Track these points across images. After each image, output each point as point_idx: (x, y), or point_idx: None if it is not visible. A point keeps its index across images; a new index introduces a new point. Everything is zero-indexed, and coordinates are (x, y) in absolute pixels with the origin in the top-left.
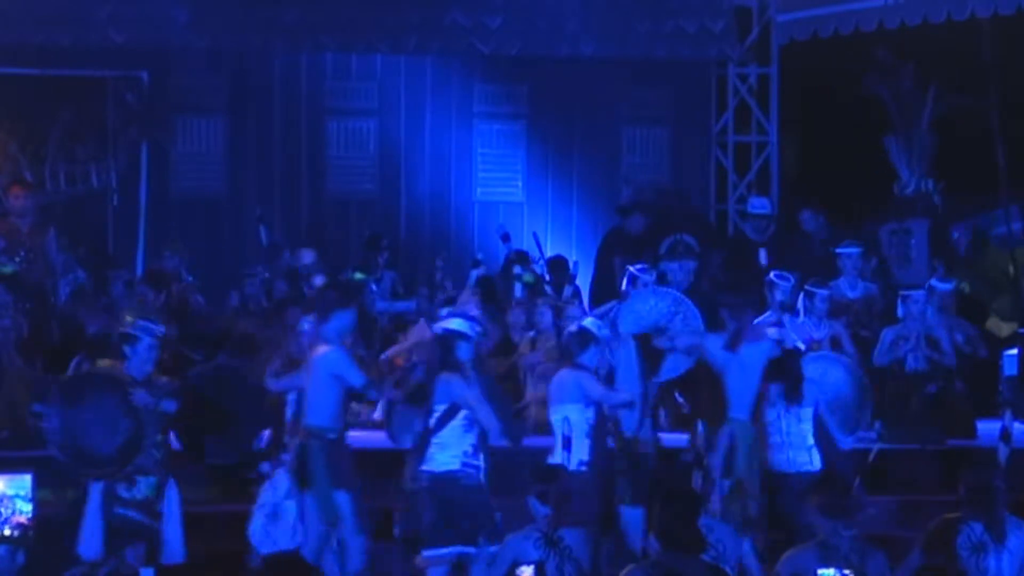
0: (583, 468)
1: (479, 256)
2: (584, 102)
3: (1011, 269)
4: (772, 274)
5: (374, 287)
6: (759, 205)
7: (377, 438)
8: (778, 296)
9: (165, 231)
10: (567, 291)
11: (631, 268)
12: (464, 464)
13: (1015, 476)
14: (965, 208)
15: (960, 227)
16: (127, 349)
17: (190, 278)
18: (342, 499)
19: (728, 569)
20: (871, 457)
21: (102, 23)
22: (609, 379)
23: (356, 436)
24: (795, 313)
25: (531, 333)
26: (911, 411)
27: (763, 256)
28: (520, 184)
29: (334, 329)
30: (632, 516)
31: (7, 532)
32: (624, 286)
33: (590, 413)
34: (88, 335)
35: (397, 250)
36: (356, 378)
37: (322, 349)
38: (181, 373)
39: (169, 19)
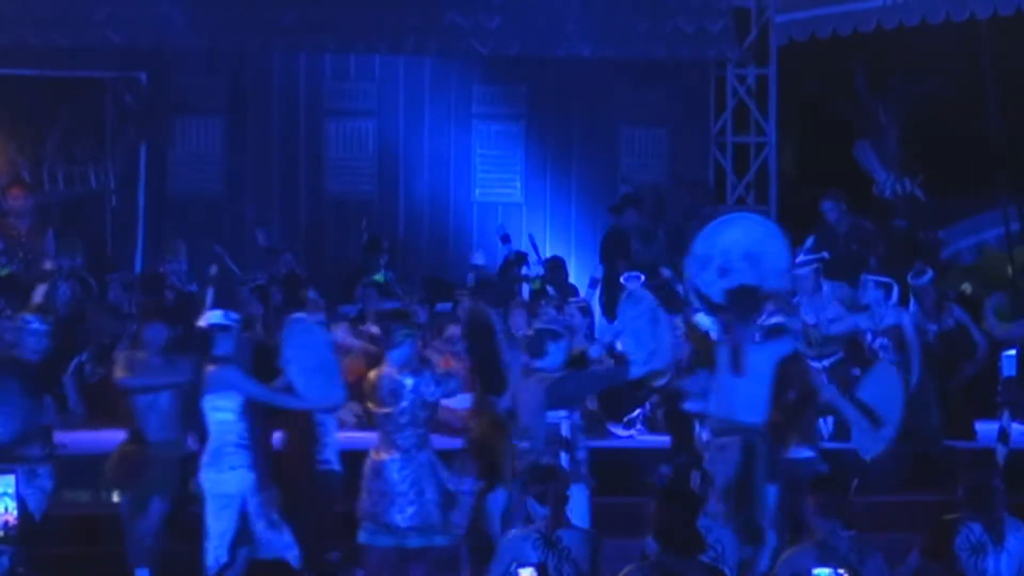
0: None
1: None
2: (583, 103)
3: (1009, 270)
4: None
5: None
6: None
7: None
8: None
9: (164, 232)
10: (551, 291)
11: (621, 279)
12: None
13: (1014, 477)
14: (957, 209)
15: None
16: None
17: (194, 287)
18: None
19: (727, 570)
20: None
21: (100, 24)
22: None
23: (358, 437)
24: None
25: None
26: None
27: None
28: (519, 185)
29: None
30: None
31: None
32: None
33: None
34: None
35: (396, 251)
36: None
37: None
38: None
39: (168, 20)
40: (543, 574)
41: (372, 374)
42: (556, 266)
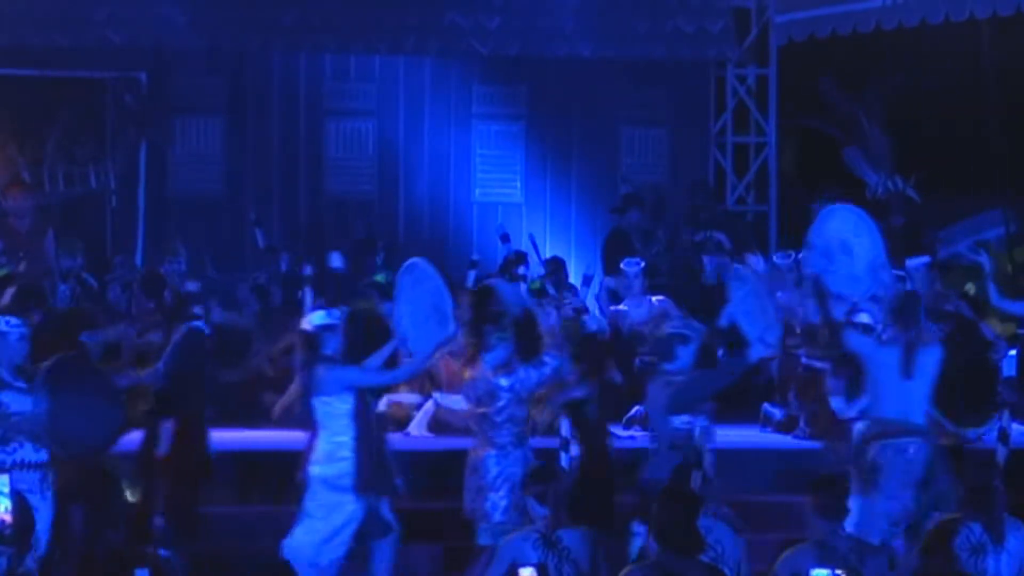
0: None
1: (475, 257)
2: (583, 103)
3: (1009, 269)
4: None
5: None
6: None
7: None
8: None
9: (164, 232)
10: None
11: (622, 264)
12: None
13: (1014, 477)
14: (957, 209)
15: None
16: None
17: (192, 286)
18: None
19: (727, 570)
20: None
21: (100, 24)
22: None
23: None
24: None
25: None
26: None
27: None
28: (519, 185)
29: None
30: None
31: None
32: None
33: None
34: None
35: (395, 251)
36: None
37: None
38: None
39: (168, 20)
40: (543, 574)
41: (467, 375)
42: (557, 266)
